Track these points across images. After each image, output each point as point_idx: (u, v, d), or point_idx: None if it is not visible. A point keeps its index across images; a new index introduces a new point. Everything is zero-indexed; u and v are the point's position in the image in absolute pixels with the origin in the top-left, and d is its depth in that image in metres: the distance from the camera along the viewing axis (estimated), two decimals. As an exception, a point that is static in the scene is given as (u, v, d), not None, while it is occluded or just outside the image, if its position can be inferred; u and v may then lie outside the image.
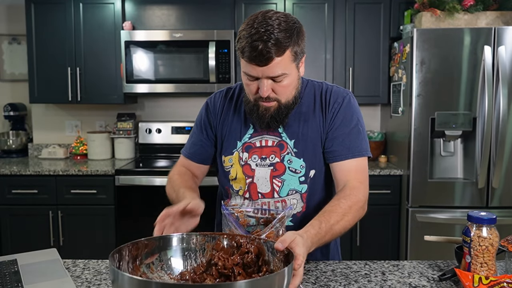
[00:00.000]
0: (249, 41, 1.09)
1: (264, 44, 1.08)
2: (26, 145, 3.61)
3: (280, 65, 1.13)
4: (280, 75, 1.15)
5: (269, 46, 1.09)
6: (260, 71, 1.13)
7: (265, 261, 0.95)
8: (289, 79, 1.18)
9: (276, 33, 1.09)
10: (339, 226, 1.14)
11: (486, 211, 1.12)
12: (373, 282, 1.14)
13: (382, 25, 3.18)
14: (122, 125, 3.44)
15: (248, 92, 1.24)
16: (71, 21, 3.19)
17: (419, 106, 2.72)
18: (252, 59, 1.11)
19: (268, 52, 1.09)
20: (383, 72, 3.21)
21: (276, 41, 1.09)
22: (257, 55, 1.09)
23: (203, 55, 3.11)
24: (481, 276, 1.04)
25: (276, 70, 1.13)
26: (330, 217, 1.12)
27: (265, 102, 1.21)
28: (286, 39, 1.10)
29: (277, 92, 1.19)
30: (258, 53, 1.09)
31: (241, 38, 1.13)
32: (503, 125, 2.66)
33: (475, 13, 2.78)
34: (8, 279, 1.11)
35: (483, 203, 2.75)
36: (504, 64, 2.64)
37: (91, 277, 1.18)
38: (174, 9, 3.22)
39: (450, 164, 2.89)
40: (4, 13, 3.58)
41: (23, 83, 3.57)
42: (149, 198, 2.95)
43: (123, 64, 3.14)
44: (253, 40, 1.09)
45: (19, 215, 2.99)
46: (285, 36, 1.10)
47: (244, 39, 1.11)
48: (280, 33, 1.10)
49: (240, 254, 0.97)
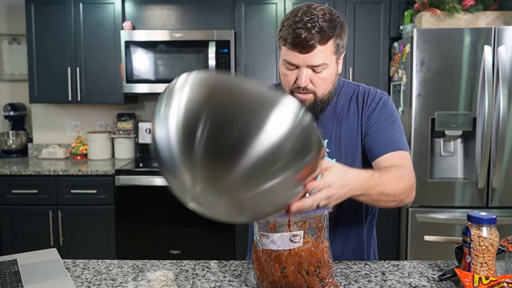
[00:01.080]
0: (294, 28, 1.10)
1: (308, 31, 1.09)
2: (26, 145, 3.61)
3: (321, 55, 1.12)
4: (321, 64, 1.14)
5: (313, 33, 1.09)
6: (302, 59, 1.13)
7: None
8: (329, 72, 1.17)
9: (320, 22, 1.10)
10: (390, 187, 1.06)
11: (486, 211, 1.11)
12: (373, 282, 1.14)
13: (382, 25, 3.18)
14: (122, 125, 3.44)
15: (284, 83, 1.22)
16: (71, 21, 3.19)
17: (419, 106, 2.72)
18: (295, 45, 1.11)
19: (311, 38, 1.09)
20: (383, 72, 3.21)
21: (320, 29, 1.10)
22: (301, 41, 1.10)
23: (203, 55, 3.11)
24: (481, 276, 1.04)
25: (317, 59, 1.12)
26: (383, 173, 1.07)
27: (302, 93, 1.18)
28: (330, 29, 1.11)
29: (315, 83, 1.17)
30: (302, 39, 1.09)
31: (284, 27, 1.13)
32: (503, 125, 2.66)
33: (475, 13, 2.78)
34: (8, 279, 1.11)
35: (483, 203, 2.75)
36: (504, 64, 2.64)
37: (91, 277, 1.19)
38: (174, 9, 3.22)
39: (450, 164, 2.89)
40: (4, 13, 3.58)
41: (23, 83, 3.58)
42: (149, 198, 2.96)
43: (123, 64, 3.14)
44: (297, 27, 1.10)
45: (19, 215, 2.99)
46: (329, 26, 1.11)
47: (288, 27, 1.12)
48: (325, 22, 1.11)
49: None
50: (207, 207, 0.83)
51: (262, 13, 3.18)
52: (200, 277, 1.18)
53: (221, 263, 1.28)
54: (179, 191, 0.84)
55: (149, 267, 1.26)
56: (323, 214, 1.06)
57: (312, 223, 1.04)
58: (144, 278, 1.18)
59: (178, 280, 1.16)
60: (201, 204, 0.82)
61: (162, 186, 2.94)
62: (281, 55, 1.18)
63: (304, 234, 1.02)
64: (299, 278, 1.02)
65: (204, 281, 1.15)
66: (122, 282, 1.16)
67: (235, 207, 0.82)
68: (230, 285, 1.13)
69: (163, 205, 2.95)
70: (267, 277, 1.05)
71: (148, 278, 1.18)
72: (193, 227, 2.97)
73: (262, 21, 3.18)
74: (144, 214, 2.96)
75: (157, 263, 1.29)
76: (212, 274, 1.20)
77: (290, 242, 1.01)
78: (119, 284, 1.14)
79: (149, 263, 1.29)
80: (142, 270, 1.24)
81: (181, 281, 1.15)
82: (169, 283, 1.14)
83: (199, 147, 0.74)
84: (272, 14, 3.18)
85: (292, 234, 1.01)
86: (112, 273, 1.22)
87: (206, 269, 1.23)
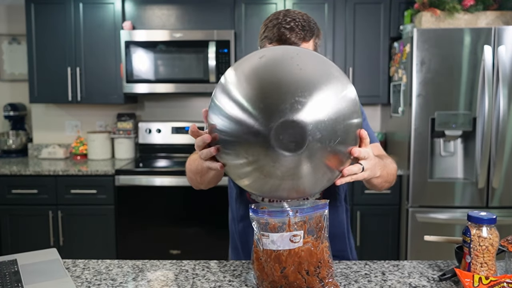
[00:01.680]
0: (278, 27, 1.18)
1: (292, 29, 1.18)
2: (26, 145, 3.61)
3: None
4: None
5: (297, 31, 1.18)
6: None
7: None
8: None
9: (302, 22, 1.20)
10: (390, 168, 1.18)
11: (486, 211, 1.11)
12: (373, 282, 1.14)
13: (382, 25, 3.18)
14: (122, 125, 3.44)
15: None
16: (71, 21, 3.19)
17: (419, 106, 2.73)
18: (281, 43, 1.18)
19: (296, 36, 1.18)
20: (383, 72, 3.21)
21: (302, 27, 1.19)
22: (287, 39, 1.18)
23: (203, 55, 3.11)
24: (481, 276, 1.04)
25: None
26: (380, 159, 1.15)
27: None
28: (310, 28, 1.21)
29: None
30: (287, 37, 1.18)
31: (268, 27, 1.21)
32: (503, 125, 2.66)
33: (475, 13, 2.78)
34: (8, 279, 1.12)
35: (483, 203, 2.75)
36: (504, 64, 2.64)
37: (91, 277, 1.19)
38: (174, 9, 3.22)
39: (450, 164, 2.89)
40: (4, 13, 3.58)
41: (23, 83, 3.58)
42: (149, 198, 2.96)
43: (123, 64, 3.14)
44: (281, 27, 1.18)
45: (19, 215, 2.99)
46: (309, 26, 1.21)
47: (272, 27, 1.19)
48: (305, 22, 1.20)
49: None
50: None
51: (262, 13, 3.18)
52: (200, 277, 1.18)
53: (221, 263, 1.28)
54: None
55: (149, 267, 1.26)
56: (323, 214, 1.06)
57: (312, 223, 1.04)
58: (144, 278, 1.18)
59: (178, 280, 1.16)
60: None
61: (162, 186, 2.94)
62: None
63: (304, 234, 1.02)
64: (299, 278, 1.02)
65: (204, 281, 1.15)
66: (122, 282, 1.16)
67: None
68: (230, 285, 1.13)
69: (163, 205, 2.95)
70: (267, 277, 1.05)
71: (148, 278, 1.18)
72: (193, 227, 2.97)
73: (262, 21, 3.16)
74: (144, 214, 2.96)
75: (157, 263, 1.29)
76: (212, 274, 1.20)
77: (290, 242, 1.01)
78: (119, 284, 1.14)
79: (149, 263, 1.29)
80: (142, 270, 1.24)
81: (181, 281, 1.15)
82: (169, 283, 1.14)
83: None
84: (272, 14, 3.17)
85: (292, 234, 1.01)
86: (112, 273, 1.22)
87: (206, 269, 1.23)
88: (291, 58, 0.90)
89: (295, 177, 0.90)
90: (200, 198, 2.93)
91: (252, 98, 0.86)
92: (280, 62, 0.90)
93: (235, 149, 0.89)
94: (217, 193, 2.92)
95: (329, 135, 0.87)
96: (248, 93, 0.87)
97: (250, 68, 0.90)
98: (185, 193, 2.95)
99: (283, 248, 1.01)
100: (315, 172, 0.91)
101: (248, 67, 0.91)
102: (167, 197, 2.95)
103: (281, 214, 1.01)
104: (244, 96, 0.87)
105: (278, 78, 0.87)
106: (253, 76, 0.89)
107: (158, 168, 3.07)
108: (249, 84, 0.88)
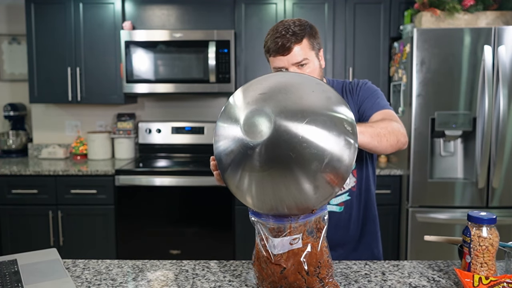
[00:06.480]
0: (273, 38, 1.33)
1: (284, 36, 1.32)
2: (26, 145, 3.61)
3: (301, 52, 1.33)
4: (303, 60, 1.33)
5: (288, 37, 1.31)
6: (286, 60, 1.33)
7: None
8: (312, 66, 1.36)
9: (292, 27, 1.33)
10: (385, 138, 1.24)
11: (486, 211, 1.12)
12: (373, 282, 1.14)
13: (382, 25, 3.18)
14: (122, 125, 3.44)
15: None
16: (71, 21, 3.19)
17: (419, 106, 2.73)
18: (277, 51, 1.33)
19: (288, 41, 1.31)
20: (383, 72, 3.21)
21: (293, 32, 1.32)
22: (280, 47, 1.32)
23: (203, 55, 3.11)
24: (481, 276, 1.04)
25: (298, 56, 1.33)
26: (374, 123, 1.26)
27: None
28: (301, 31, 1.33)
29: None
30: (281, 45, 1.32)
31: (267, 42, 1.36)
32: (503, 125, 2.66)
33: (475, 13, 2.78)
34: (8, 279, 1.12)
35: (483, 203, 2.75)
36: (504, 64, 2.64)
37: (91, 277, 1.19)
38: (174, 9, 3.22)
39: (450, 164, 2.89)
40: (4, 13, 3.58)
41: (23, 83, 3.58)
42: (149, 198, 2.96)
43: (123, 64, 3.14)
44: (276, 37, 1.33)
45: (19, 215, 2.99)
46: (300, 29, 1.33)
47: (269, 41, 1.35)
48: (296, 27, 1.33)
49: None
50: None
51: (262, 13, 3.18)
52: (200, 277, 1.18)
53: (221, 263, 1.28)
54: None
55: (149, 267, 1.26)
56: (322, 215, 1.06)
57: (311, 224, 1.04)
58: (144, 278, 1.18)
59: (178, 280, 1.16)
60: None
61: (162, 186, 2.94)
62: (271, 66, 1.39)
63: (303, 235, 1.03)
64: (299, 278, 1.02)
65: (204, 281, 1.15)
66: (122, 282, 1.16)
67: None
68: (230, 285, 1.13)
69: (163, 205, 2.95)
70: (267, 277, 1.05)
71: (148, 278, 1.18)
72: (193, 227, 2.97)
73: (262, 21, 3.18)
74: (144, 214, 2.96)
75: (157, 263, 1.29)
76: (212, 274, 1.20)
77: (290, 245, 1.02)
78: (119, 284, 1.14)
79: (149, 263, 1.29)
80: (142, 270, 1.24)
81: (181, 281, 1.15)
82: (169, 283, 1.15)
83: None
84: (272, 14, 3.18)
85: (292, 238, 1.02)
86: (112, 273, 1.22)
87: (206, 269, 1.24)
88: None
89: (277, 165, 0.93)
90: (200, 198, 2.93)
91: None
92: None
93: (221, 159, 1.01)
94: (217, 193, 2.92)
95: (294, 118, 0.92)
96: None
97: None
98: (185, 193, 2.94)
99: (283, 251, 1.02)
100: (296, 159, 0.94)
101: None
102: (167, 197, 2.95)
103: (284, 219, 1.02)
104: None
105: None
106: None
107: (158, 168, 3.07)
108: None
